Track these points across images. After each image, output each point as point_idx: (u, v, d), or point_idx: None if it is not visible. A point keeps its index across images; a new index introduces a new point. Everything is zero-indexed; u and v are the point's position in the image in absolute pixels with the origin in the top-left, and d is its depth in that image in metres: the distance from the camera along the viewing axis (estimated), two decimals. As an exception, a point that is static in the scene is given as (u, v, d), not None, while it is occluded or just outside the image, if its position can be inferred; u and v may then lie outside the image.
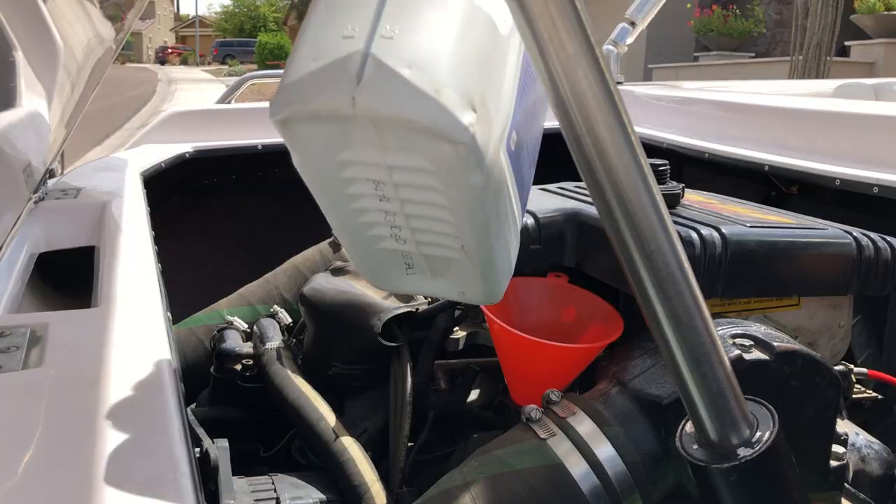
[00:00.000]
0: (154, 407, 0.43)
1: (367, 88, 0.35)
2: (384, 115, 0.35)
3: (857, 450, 0.68)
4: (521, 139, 0.44)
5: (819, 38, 5.93)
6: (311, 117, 0.37)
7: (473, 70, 0.36)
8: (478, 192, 0.38)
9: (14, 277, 0.70)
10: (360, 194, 0.41)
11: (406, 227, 0.43)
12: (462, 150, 0.36)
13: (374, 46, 0.35)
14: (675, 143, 1.32)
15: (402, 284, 0.49)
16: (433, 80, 0.35)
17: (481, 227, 0.41)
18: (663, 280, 0.41)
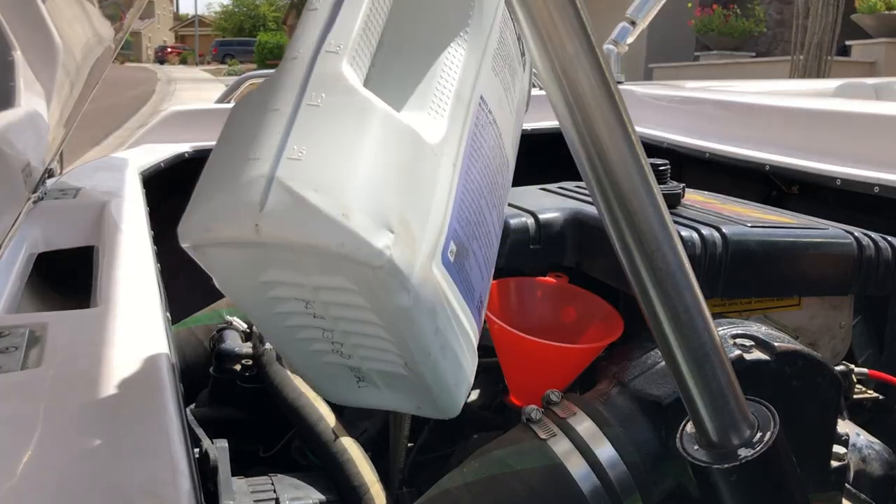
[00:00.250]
0: (153, 407, 0.42)
1: (270, 215, 0.33)
2: (291, 242, 0.33)
3: (857, 450, 0.68)
4: (466, 245, 0.42)
5: (820, 37, 5.93)
6: (218, 245, 0.35)
7: (390, 190, 0.35)
8: (407, 312, 0.37)
9: (13, 277, 0.70)
10: (291, 312, 0.40)
11: (346, 343, 0.41)
12: (381, 274, 0.34)
13: (280, 169, 0.33)
14: (675, 142, 1.31)
15: (355, 398, 0.47)
16: (341, 204, 0.33)
17: (419, 346, 0.40)
18: (664, 280, 0.41)
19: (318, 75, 0.35)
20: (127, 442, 0.39)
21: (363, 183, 0.34)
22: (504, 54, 0.45)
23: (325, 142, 0.34)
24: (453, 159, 0.39)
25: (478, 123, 0.42)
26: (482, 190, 0.43)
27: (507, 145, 0.47)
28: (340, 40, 0.36)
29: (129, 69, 24.56)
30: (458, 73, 0.41)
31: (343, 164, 0.34)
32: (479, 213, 0.43)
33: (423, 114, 0.39)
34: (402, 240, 0.35)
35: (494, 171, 0.45)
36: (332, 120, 0.35)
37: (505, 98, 0.46)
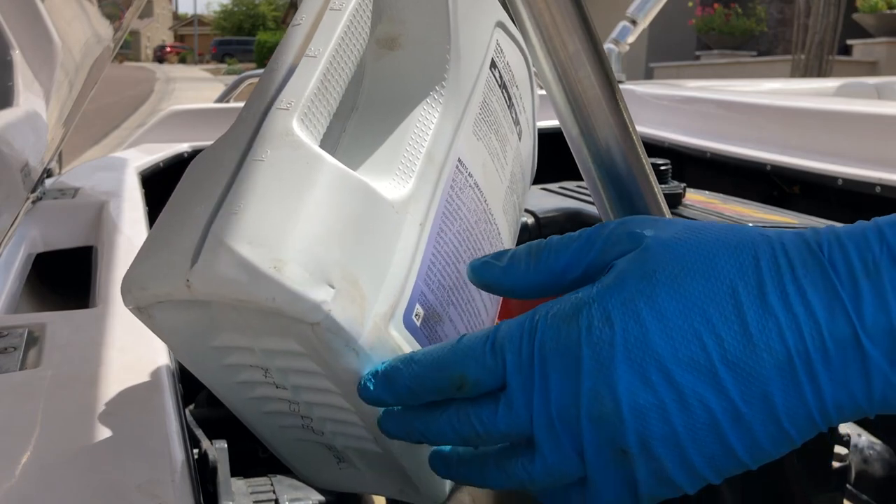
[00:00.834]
0: (152, 408, 0.42)
1: (201, 270, 0.32)
2: (223, 298, 0.32)
3: (859, 451, 0.68)
4: (438, 311, 0.39)
5: (821, 36, 5.94)
6: (158, 303, 0.34)
7: (334, 245, 0.33)
8: (358, 375, 0.34)
9: (12, 277, 0.70)
10: (252, 382, 0.38)
11: (314, 416, 0.39)
12: (320, 331, 0.32)
13: (215, 224, 0.32)
14: (676, 142, 1.31)
15: (337, 480, 0.44)
16: (273, 257, 0.31)
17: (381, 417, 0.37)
18: (665, 280, 0.41)
19: (266, 131, 0.35)
20: (126, 442, 0.39)
21: (301, 236, 0.32)
22: (489, 120, 0.45)
23: (265, 196, 0.33)
24: (420, 219, 0.38)
25: (454, 186, 0.41)
26: (460, 255, 0.41)
27: (496, 212, 0.45)
28: (293, 97, 0.35)
29: (127, 68, 24.58)
30: (431, 134, 0.40)
31: (281, 217, 0.33)
32: (457, 278, 0.41)
33: (388, 173, 0.38)
34: (345, 296, 0.33)
35: (478, 237, 0.43)
36: (276, 175, 0.34)
37: (492, 164, 0.45)
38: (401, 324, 0.36)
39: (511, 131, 0.48)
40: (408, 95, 0.41)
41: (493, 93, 0.46)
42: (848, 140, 1.08)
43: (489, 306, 0.46)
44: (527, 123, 0.51)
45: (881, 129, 1.05)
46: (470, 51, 0.43)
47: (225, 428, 0.49)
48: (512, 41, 0.49)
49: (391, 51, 0.43)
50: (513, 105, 0.48)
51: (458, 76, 0.42)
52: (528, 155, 0.52)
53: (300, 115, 0.34)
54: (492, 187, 0.45)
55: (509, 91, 0.48)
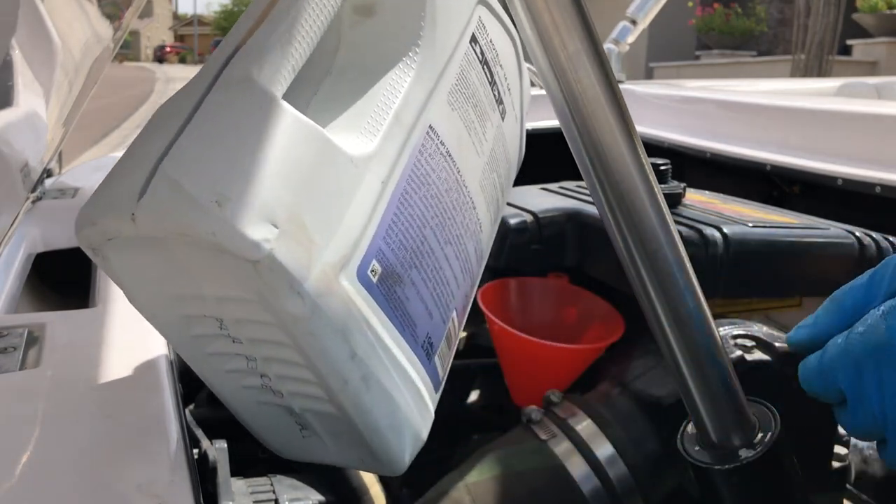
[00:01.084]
0: (152, 408, 0.42)
1: (147, 204, 0.32)
2: (165, 232, 0.32)
3: (859, 451, 0.68)
4: (399, 272, 0.39)
5: (821, 36, 5.93)
6: (108, 241, 0.34)
7: (281, 186, 0.33)
8: (306, 323, 0.34)
9: (11, 277, 0.70)
10: (208, 335, 0.38)
11: (272, 373, 0.39)
12: (263, 271, 0.32)
13: (165, 161, 0.32)
14: (676, 142, 1.31)
15: (301, 450, 0.44)
16: (217, 192, 0.32)
17: (331, 370, 0.37)
18: (664, 280, 0.41)
19: (225, 77, 0.35)
20: (126, 442, 0.39)
21: (248, 175, 0.33)
22: (466, 93, 0.45)
23: (215, 136, 0.33)
24: (383, 177, 0.38)
25: (423, 151, 0.41)
26: (428, 220, 0.41)
27: (472, 185, 0.45)
28: (255, 48, 0.35)
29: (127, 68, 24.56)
30: (401, 97, 0.40)
31: (230, 156, 0.33)
32: (423, 243, 0.41)
33: (353, 130, 0.39)
34: (290, 238, 0.33)
35: (448, 206, 0.43)
36: (230, 117, 0.34)
37: (468, 136, 0.45)
38: (354, 277, 0.36)
39: (492, 109, 0.48)
40: (381, 61, 0.42)
41: (473, 67, 0.46)
42: (848, 140, 1.08)
43: (461, 279, 0.46)
44: (512, 105, 0.51)
45: (881, 129, 1.05)
46: (446, 21, 0.43)
47: (225, 428, 0.49)
48: (498, 21, 0.49)
49: (367, 18, 0.43)
50: (495, 83, 0.48)
51: (434, 44, 0.42)
52: (513, 137, 0.52)
53: (260, 64, 0.35)
54: (467, 160, 0.44)
55: (491, 69, 0.48)
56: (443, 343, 0.45)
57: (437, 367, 0.45)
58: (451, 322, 0.46)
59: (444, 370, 0.46)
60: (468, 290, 0.48)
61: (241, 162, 0.33)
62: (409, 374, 0.41)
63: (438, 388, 0.45)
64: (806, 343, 0.39)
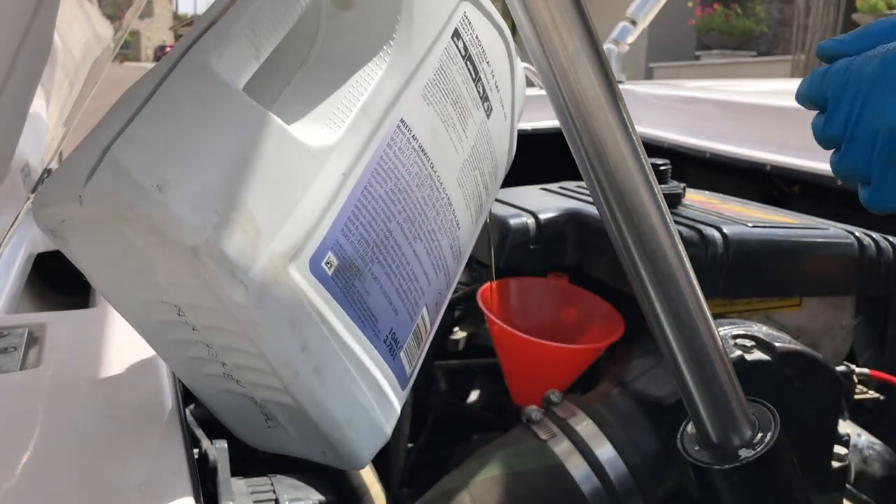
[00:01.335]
0: (152, 407, 0.42)
1: (93, 186, 0.32)
2: (109, 215, 0.33)
3: (859, 451, 0.68)
4: (359, 265, 0.38)
5: (821, 36, 5.93)
6: (62, 223, 0.34)
7: (227, 174, 0.33)
8: (250, 312, 0.34)
9: (12, 277, 0.70)
10: (169, 322, 0.38)
11: (230, 362, 0.39)
12: (202, 257, 0.32)
13: (114, 145, 0.33)
14: (676, 142, 1.31)
15: (268, 441, 0.43)
16: (158, 176, 0.32)
17: (281, 360, 0.36)
18: (664, 280, 0.41)
19: (183, 65, 0.35)
20: (126, 442, 0.39)
21: (192, 161, 0.33)
22: (445, 88, 0.44)
23: (165, 122, 0.33)
24: (343, 169, 0.38)
25: (392, 145, 0.41)
26: (394, 214, 0.41)
27: (447, 181, 0.45)
28: (217, 37, 0.35)
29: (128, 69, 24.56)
30: (370, 90, 0.40)
31: (176, 143, 0.33)
32: (388, 237, 0.40)
33: (317, 122, 0.38)
34: (232, 225, 0.33)
35: (419, 201, 0.42)
36: (182, 104, 0.34)
37: (444, 131, 0.44)
38: (306, 268, 0.36)
39: (476, 106, 0.47)
40: (356, 53, 0.41)
41: (454, 62, 0.45)
42: (848, 140, 1.07)
43: (433, 276, 0.45)
44: (500, 103, 0.50)
45: (881, 130, 1.04)
46: (424, 14, 0.43)
47: (225, 428, 0.49)
48: (487, 18, 0.49)
49: (345, 10, 0.43)
50: (480, 80, 0.48)
51: (410, 38, 0.42)
52: (501, 135, 0.51)
53: (220, 51, 0.35)
54: (443, 155, 0.44)
55: (476, 65, 0.47)
56: (410, 340, 0.44)
57: (404, 364, 0.44)
58: (421, 319, 0.45)
59: (413, 367, 0.45)
60: (442, 288, 0.47)
61: (188, 148, 0.33)
62: (368, 369, 0.40)
63: (405, 385, 0.44)
64: (828, 52, 0.42)
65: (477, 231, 0.51)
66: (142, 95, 0.34)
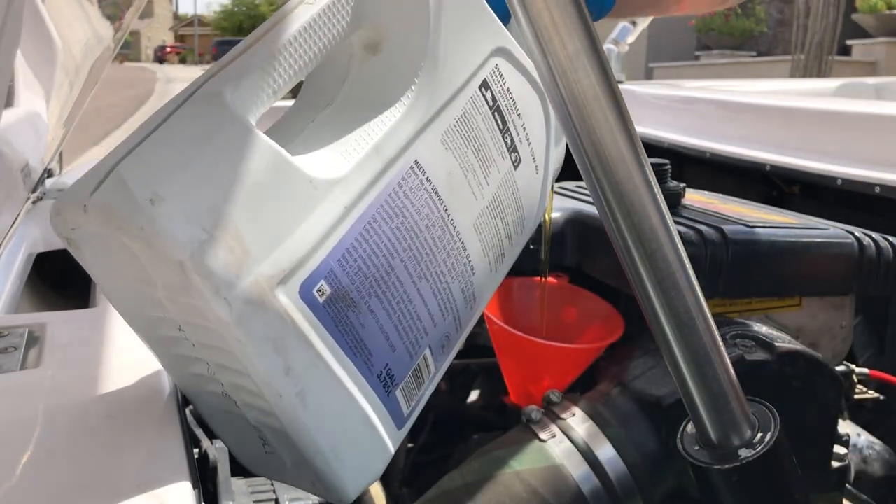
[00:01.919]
0: (152, 408, 0.42)
1: (97, 197, 0.34)
2: (108, 226, 0.34)
3: (858, 451, 0.68)
4: (354, 297, 0.39)
5: (821, 37, 5.94)
6: (70, 230, 0.36)
7: (221, 195, 0.35)
8: (232, 329, 0.35)
9: (12, 277, 0.70)
10: (172, 337, 0.39)
11: (226, 381, 0.39)
12: (188, 272, 0.34)
13: (123, 162, 0.35)
14: (676, 142, 1.31)
15: (266, 467, 0.43)
16: (153, 191, 0.34)
17: (264, 381, 0.37)
18: (664, 280, 0.41)
19: (200, 93, 0.37)
20: (126, 442, 0.39)
21: (188, 180, 0.34)
22: (468, 135, 0.45)
23: (172, 144, 0.35)
24: (347, 203, 0.39)
25: (403, 184, 0.41)
26: (397, 252, 0.41)
27: (462, 225, 0.45)
28: (238, 69, 0.37)
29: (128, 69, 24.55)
30: (386, 131, 0.41)
31: (176, 161, 0.35)
32: (389, 273, 0.41)
33: (328, 155, 0.40)
34: (220, 243, 0.34)
35: (427, 242, 0.43)
36: (189, 127, 0.36)
37: (462, 177, 0.45)
38: (295, 293, 0.37)
39: (501, 155, 0.48)
40: (378, 97, 0.43)
41: (480, 111, 0.46)
42: (847, 140, 1.08)
43: (439, 318, 0.45)
44: (531, 155, 0.51)
45: (880, 130, 1.05)
46: (450, 64, 0.44)
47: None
48: (522, 75, 0.49)
49: (373, 55, 0.44)
50: (507, 131, 0.48)
51: (433, 84, 0.43)
52: (530, 188, 0.51)
53: (236, 84, 0.36)
54: (459, 200, 0.45)
55: (504, 116, 0.48)
56: (408, 378, 0.43)
57: (400, 403, 0.43)
58: (423, 359, 0.44)
59: (411, 408, 0.45)
60: (450, 331, 0.47)
61: (186, 169, 0.35)
62: (357, 401, 0.40)
63: (402, 425, 0.44)
64: None
65: (497, 279, 0.51)
66: (157, 121, 0.36)
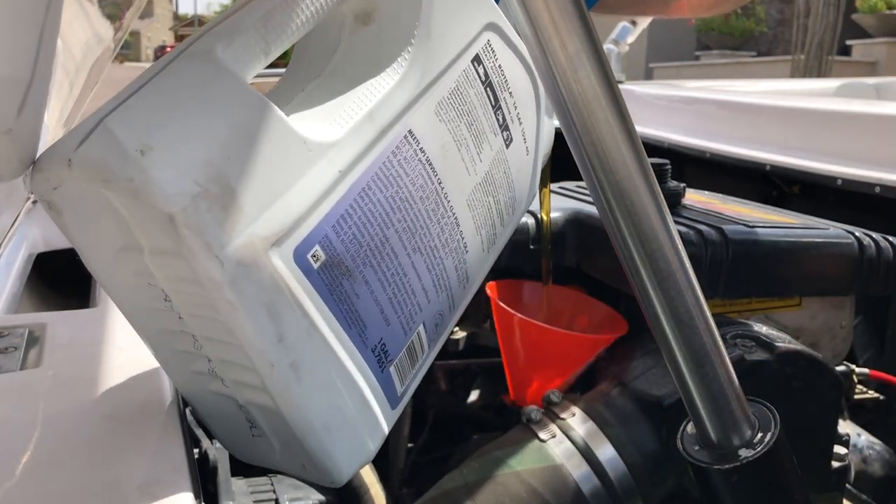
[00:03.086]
0: (153, 407, 0.42)
1: (83, 151, 0.33)
2: (94, 179, 0.33)
3: (858, 451, 0.68)
4: (349, 266, 0.38)
5: (821, 37, 5.93)
6: (52, 190, 0.34)
7: (214, 148, 0.33)
8: (223, 290, 0.33)
9: (12, 277, 0.70)
10: (157, 309, 0.37)
11: (213, 355, 0.37)
12: (179, 226, 0.32)
13: (110, 115, 0.33)
14: (676, 142, 1.31)
15: (252, 453, 0.41)
16: (142, 142, 0.32)
17: (256, 348, 0.35)
18: (664, 280, 0.41)
19: (191, 50, 0.36)
20: (126, 442, 0.39)
21: (179, 131, 0.33)
22: (460, 109, 0.45)
23: (162, 97, 0.34)
24: (341, 167, 0.38)
25: (397, 153, 0.40)
26: (392, 222, 0.40)
27: (455, 200, 0.44)
28: (228, 28, 0.36)
29: (128, 69, 24.57)
30: (380, 97, 0.40)
31: (166, 113, 0.33)
32: (384, 243, 0.40)
33: (322, 120, 0.38)
34: (213, 198, 0.33)
35: (421, 214, 0.42)
36: (181, 81, 0.34)
37: (456, 151, 0.44)
38: (290, 257, 0.35)
39: (494, 132, 0.47)
40: (371, 66, 0.42)
41: (472, 86, 0.46)
42: (847, 140, 1.08)
43: (433, 295, 0.44)
44: (521, 136, 0.51)
45: (881, 130, 1.05)
46: (443, 34, 0.44)
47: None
48: (516, 56, 0.49)
49: (365, 26, 0.43)
50: (500, 108, 0.48)
51: (427, 54, 0.42)
52: (522, 169, 0.51)
53: (227, 42, 0.35)
54: (453, 174, 0.44)
55: (496, 93, 0.47)
56: (402, 355, 0.42)
57: (394, 380, 0.42)
58: (416, 336, 0.43)
59: (405, 386, 0.43)
60: (444, 309, 0.45)
61: (178, 121, 0.33)
62: (351, 375, 0.39)
63: (395, 404, 0.42)
64: None
65: (489, 261, 0.50)
66: (147, 77, 0.35)
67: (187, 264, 0.33)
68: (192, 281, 0.34)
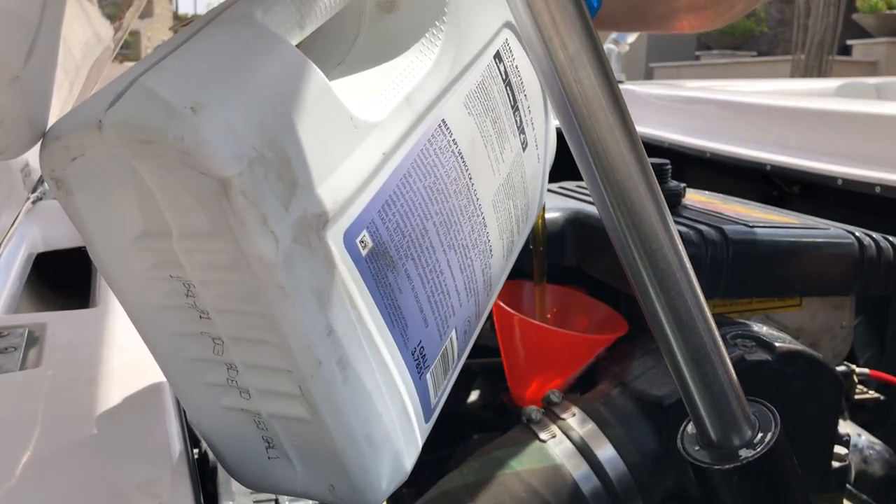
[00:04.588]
0: (152, 407, 0.42)
1: (117, 111, 0.28)
2: (132, 141, 0.28)
3: (859, 451, 0.68)
4: (392, 255, 0.34)
5: (821, 37, 5.93)
6: (69, 161, 0.30)
7: (269, 112, 0.29)
8: (276, 272, 0.29)
9: (12, 277, 0.70)
10: (173, 307, 0.33)
11: (238, 363, 0.33)
12: (234, 194, 0.28)
13: (146, 75, 0.29)
14: (676, 142, 1.31)
15: (265, 477, 0.37)
16: (193, 100, 0.28)
17: (305, 345, 0.31)
18: (664, 280, 0.41)
19: (227, 14, 0.32)
20: (126, 442, 0.39)
21: (230, 89, 0.29)
22: (486, 104, 0.43)
23: (205, 57, 0.30)
24: (385, 149, 0.34)
25: (433, 142, 0.38)
26: (430, 214, 0.37)
27: (484, 199, 0.42)
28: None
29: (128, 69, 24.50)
30: (416, 82, 0.37)
31: (214, 74, 0.29)
32: (423, 235, 0.36)
33: (360, 95, 0.35)
34: (270, 166, 0.29)
35: (457, 211, 0.39)
36: (225, 44, 0.31)
37: (483, 147, 0.42)
38: (340, 240, 0.31)
39: (513, 133, 0.46)
40: (399, 51, 0.39)
41: (495, 82, 0.44)
42: (848, 140, 1.08)
43: (464, 297, 0.40)
44: (535, 142, 0.49)
45: (881, 130, 1.05)
46: (469, 26, 0.42)
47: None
48: (527, 55, 0.48)
49: (389, 13, 0.41)
50: (518, 109, 0.47)
51: (456, 44, 0.41)
52: (534, 175, 0.50)
53: (265, 9, 0.32)
54: (481, 170, 0.42)
55: (515, 93, 0.46)
56: (437, 362, 0.39)
57: (429, 389, 0.38)
58: (449, 342, 0.40)
59: (438, 398, 0.40)
60: (472, 316, 0.42)
61: (226, 80, 0.29)
62: (394, 379, 0.35)
63: (429, 417, 0.39)
64: None
65: (506, 270, 0.47)
66: (180, 39, 0.31)
67: (231, 244, 0.29)
68: (230, 267, 0.30)
